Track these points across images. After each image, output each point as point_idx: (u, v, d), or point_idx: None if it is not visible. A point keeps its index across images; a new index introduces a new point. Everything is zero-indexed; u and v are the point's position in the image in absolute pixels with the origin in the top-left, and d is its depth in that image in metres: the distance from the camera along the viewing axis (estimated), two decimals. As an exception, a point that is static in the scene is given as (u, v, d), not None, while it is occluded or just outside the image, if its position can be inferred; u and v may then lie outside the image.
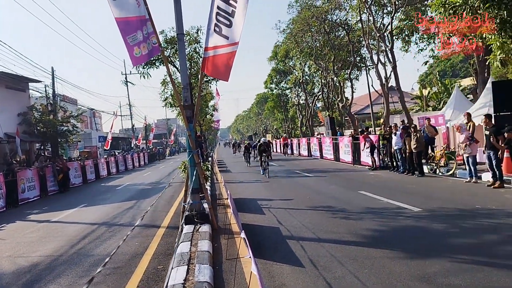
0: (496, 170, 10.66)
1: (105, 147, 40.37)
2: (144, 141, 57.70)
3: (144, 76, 15.60)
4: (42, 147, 28.30)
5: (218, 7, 7.52)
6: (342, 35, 31.79)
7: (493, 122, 11.54)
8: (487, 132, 10.93)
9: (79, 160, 28.13)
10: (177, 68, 15.13)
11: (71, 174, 22.06)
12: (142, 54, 7.81)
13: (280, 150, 42.03)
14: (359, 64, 33.24)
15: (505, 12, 10.44)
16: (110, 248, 7.56)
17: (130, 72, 52.03)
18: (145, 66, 15.04)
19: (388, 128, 17.47)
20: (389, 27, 23.37)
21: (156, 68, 15.50)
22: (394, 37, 24.42)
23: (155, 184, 20.23)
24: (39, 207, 15.14)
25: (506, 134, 10.12)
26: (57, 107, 28.06)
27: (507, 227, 6.78)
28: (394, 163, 16.15)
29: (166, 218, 10.12)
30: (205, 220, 7.93)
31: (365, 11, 24.76)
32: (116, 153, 41.36)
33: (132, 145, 55.16)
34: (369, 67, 31.27)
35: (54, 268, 6.72)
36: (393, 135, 15.72)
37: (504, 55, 11.78)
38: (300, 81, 43.08)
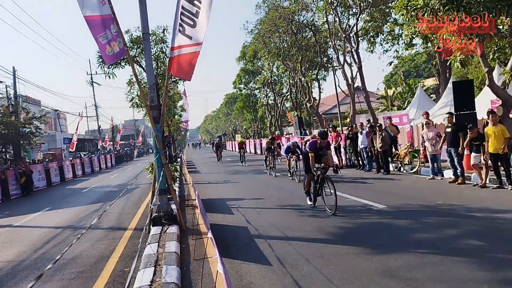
0: (458, 166, 11.05)
1: (70, 149, 39.34)
2: (111, 143, 56.59)
3: (109, 76, 15.35)
4: (3, 150, 27.28)
5: (183, 7, 7.52)
6: (309, 36, 32.17)
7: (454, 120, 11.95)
8: (449, 130, 11.31)
9: (43, 162, 27.28)
10: (143, 68, 14.93)
11: (34, 177, 21.41)
12: (115, 52, 7.79)
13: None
14: (326, 65, 33.72)
15: (463, 14, 10.82)
16: (75, 252, 7.39)
17: (96, 72, 51.00)
18: (110, 66, 14.77)
19: (351, 128, 17.84)
20: (355, 28, 23.83)
21: (122, 68, 15.26)
22: (359, 38, 24.91)
23: (122, 186, 19.85)
24: (1, 212, 14.59)
25: (469, 132, 10.49)
26: (19, 108, 27.13)
27: (467, 222, 7.04)
28: (361, 161, 16.49)
29: (133, 220, 9.97)
30: (173, 221, 7.87)
31: (331, 12, 25.14)
32: (82, 155, 40.37)
33: (99, 147, 53.99)
34: (335, 67, 31.76)
35: (16, 273, 6.52)
36: (359, 134, 16.05)
37: (464, 56, 12.22)
38: (269, 81, 43.33)
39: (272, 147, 17.48)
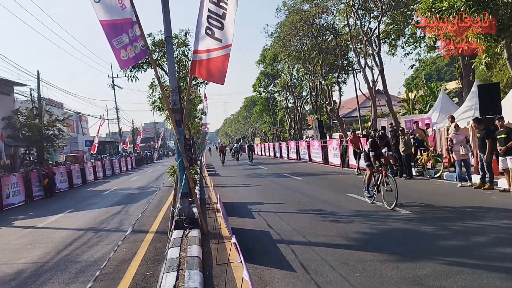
0: (487, 172, 10.70)
1: (91, 151, 39.95)
2: (132, 145, 57.28)
3: (131, 80, 15.42)
4: (27, 152, 27.86)
5: (209, 10, 7.49)
6: (329, 39, 31.98)
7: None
8: (479, 135, 10.97)
9: (65, 164, 27.73)
10: (165, 71, 15.00)
11: (57, 179, 21.74)
12: (129, 57, 7.72)
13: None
14: (346, 68, 33.44)
15: (490, 16, 10.56)
16: (98, 254, 7.46)
17: (117, 75, 51.95)
18: (132, 69, 14.87)
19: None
20: (376, 31, 23.56)
21: (144, 71, 15.35)
22: (381, 41, 24.62)
23: (143, 188, 20.03)
24: (24, 213, 14.87)
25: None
26: (42, 111, 27.67)
27: (495, 229, 6.82)
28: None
29: (154, 223, 9.99)
30: (195, 225, 7.85)
31: (352, 15, 24.94)
32: (103, 157, 40.90)
33: (120, 149, 54.69)
34: (356, 70, 31.48)
35: (39, 275, 6.56)
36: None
37: (489, 59, 11.93)
38: (289, 84, 43.24)
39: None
